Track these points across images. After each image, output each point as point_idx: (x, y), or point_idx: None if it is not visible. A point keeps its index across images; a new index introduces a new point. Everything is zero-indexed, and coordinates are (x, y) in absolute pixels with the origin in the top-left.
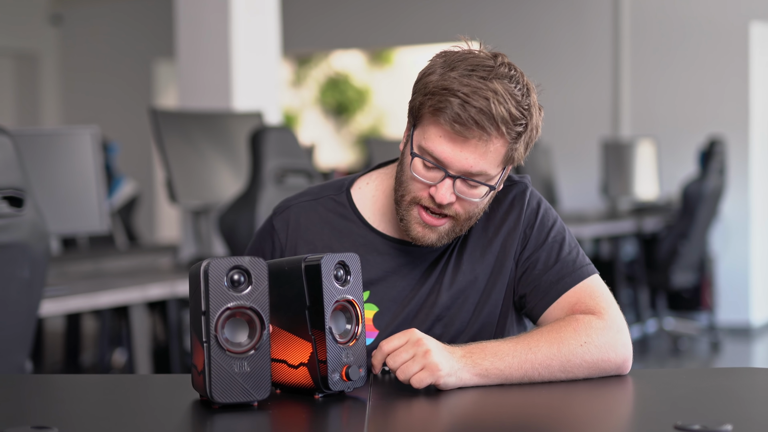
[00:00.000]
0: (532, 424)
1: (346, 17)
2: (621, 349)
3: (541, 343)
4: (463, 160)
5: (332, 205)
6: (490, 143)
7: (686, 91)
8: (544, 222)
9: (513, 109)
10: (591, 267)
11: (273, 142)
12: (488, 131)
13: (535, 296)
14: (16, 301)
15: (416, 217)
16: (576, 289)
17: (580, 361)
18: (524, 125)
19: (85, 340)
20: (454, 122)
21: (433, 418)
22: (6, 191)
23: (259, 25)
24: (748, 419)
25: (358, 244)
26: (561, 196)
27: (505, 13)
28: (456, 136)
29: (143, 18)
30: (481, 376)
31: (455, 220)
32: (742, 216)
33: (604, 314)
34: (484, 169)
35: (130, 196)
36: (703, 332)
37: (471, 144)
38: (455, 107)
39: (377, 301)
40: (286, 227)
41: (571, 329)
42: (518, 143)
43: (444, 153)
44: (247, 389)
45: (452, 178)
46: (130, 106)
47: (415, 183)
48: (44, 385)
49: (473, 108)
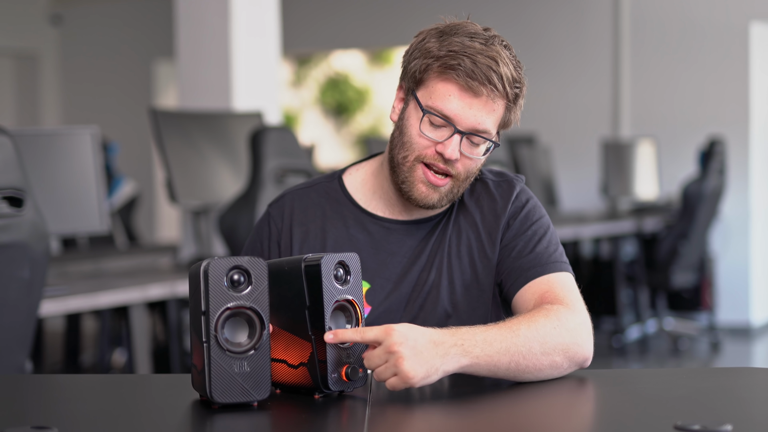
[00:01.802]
0: (531, 424)
1: (346, 17)
2: (587, 336)
3: (520, 326)
4: (472, 116)
5: (324, 190)
6: (496, 101)
7: (686, 91)
8: (529, 216)
9: (513, 72)
10: (567, 265)
11: (273, 142)
12: (497, 88)
13: (508, 280)
14: (16, 301)
15: (420, 176)
16: (548, 277)
17: (554, 341)
18: (520, 88)
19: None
20: (468, 77)
21: (433, 418)
22: (6, 191)
23: (259, 25)
24: (748, 419)
25: (349, 224)
26: (561, 196)
27: (505, 13)
28: (467, 93)
29: (143, 18)
30: (472, 365)
31: (455, 179)
32: (742, 216)
33: (572, 306)
34: (488, 127)
35: (130, 196)
36: (703, 332)
37: (481, 101)
38: (467, 64)
39: (369, 278)
40: (281, 213)
41: (544, 313)
42: (516, 106)
43: (455, 109)
44: (247, 389)
45: (460, 134)
46: (130, 106)
47: (422, 140)
48: (44, 385)
49: (483, 65)
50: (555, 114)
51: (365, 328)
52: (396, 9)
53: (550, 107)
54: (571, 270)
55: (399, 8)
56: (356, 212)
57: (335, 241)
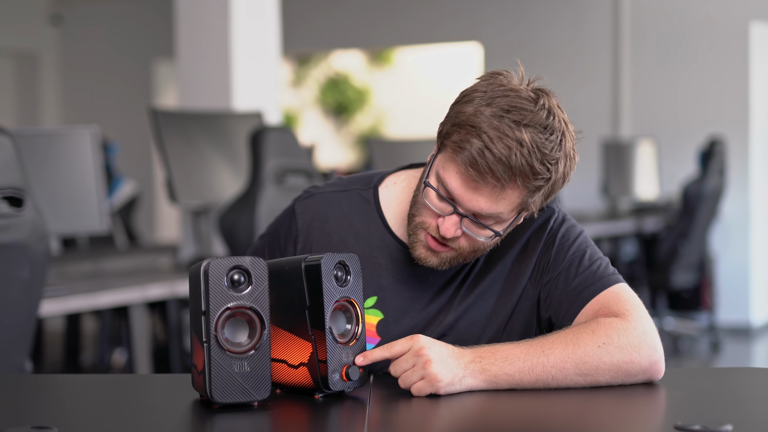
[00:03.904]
0: (531, 424)
1: (346, 17)
2: (646, 351)
3: (555, 345)
4: (474, 202)
5: (357, 199)
6: (504, 192)
7: (686, 91)
8: (563, 243)
9: (536, 163)
10: (616, 276)
11: (273, 142)
12: (503, 182)
13: (559, 313)
14: (16, 301)
15: (422, 240)
16: (599, 297)
17: (597, 362)
18: (546, 179)
19: (85, 340)
20: (469, 166)
21: (433, 418)
22: (6, 191)
23: (259, 25)
24: (748, 419)
25: (373, 246)
26: (561, 196)
27: (505, 13)
28: (469, 178)
29: (143, 18)
30: (490, 383)
31: (458, 252)
32: (742, 216)
33: (628, 316)
34: (494, 213)
35: (130, 196)
36: (703, 332)
37: (485, 191)
38: (474, 151)
39: (383, 308)
40: (305, 214)
41: (590, 331)
42: (536, 195)
43: (457, 190)
44: (247, 389)
45: (460, 216)
46: (130, 106)
47: (426, 209)
48: (44, 385)
49: (492, 156)
50: None
51: (391, 343)
52: (396, 9)
53: None
54: (621, 279)
55: (399, 8)
56: (383, 233)
57: None
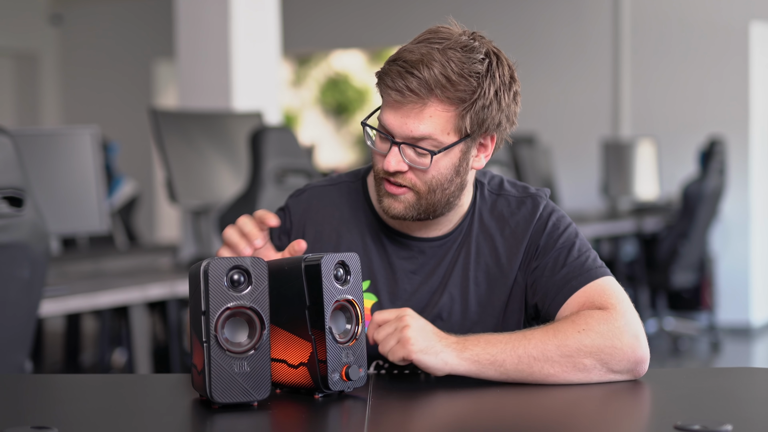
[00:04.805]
0: (530, 424)
1: (346, 17)
2: (628, 339)
3: (536, 331)
4: (403, 124)
5: (346, 191)
6: (426, 107)
7: (686, 91)
8: (553, 231)
9: (453, 75)
10: (603, 269)
11: (273, 142)
12: (422, 96)
13: (545, 302)
14: (16, 301)
15: (383, 189)
16: (585, 289)
17: (578, 344)
18: (470, 93)
19: (85, 340)
20: (390, 90)
21: (433, 418)
22: (6, 191)
23: (259, 24)
24: (748, 419)
25: (364, 232)
26: (561, 196)
27: (505, 12)
28: (394, 102)
29: (143, 18)
30: (472, 362)
31: (415, 192)
32: (742, 216)
33: (611, 309)
34: (426, 133)
35: (130, 196)
36: (703, 332)
37: (407, 108)
38: (393, 73)
39: (376, 292)
40: (298, 208)
41: (570, 321)
42: (467, 116)
43: (387, 120)
44: (247, 389)
45: (396, 145)
46: (130, 106)
47: (376, 156)
48: (44, 385)
49: (406, 72)
50: (555, 114)
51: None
52: (396, 9)
53: (550, 107)
54: (608, 272)
55: (399, 8)
56: (372, 220)
57: (348, 248)
